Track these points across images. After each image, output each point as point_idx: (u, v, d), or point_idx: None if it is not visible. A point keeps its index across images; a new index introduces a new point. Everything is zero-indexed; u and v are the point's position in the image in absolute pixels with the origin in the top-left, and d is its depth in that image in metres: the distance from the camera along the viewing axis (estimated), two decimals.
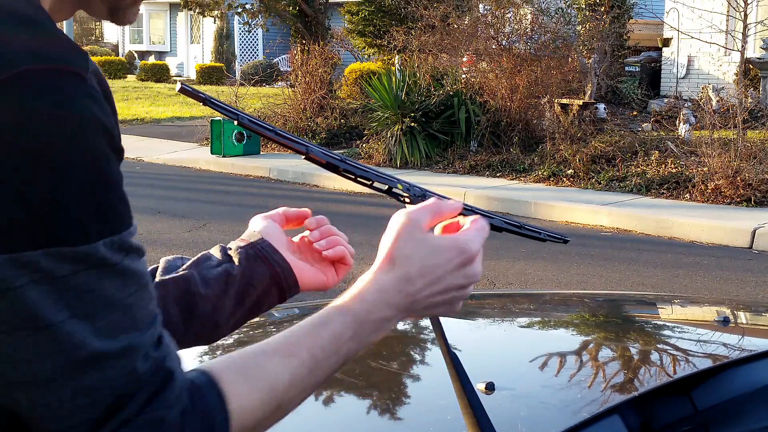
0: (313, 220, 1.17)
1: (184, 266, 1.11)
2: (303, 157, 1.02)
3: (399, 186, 1.06)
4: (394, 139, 11.81)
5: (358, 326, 0.87)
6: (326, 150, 1.04)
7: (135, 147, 14.15)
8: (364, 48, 18.78)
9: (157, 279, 1.09)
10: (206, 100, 0.99)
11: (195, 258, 1.12)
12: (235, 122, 1.00)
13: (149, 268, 1.08)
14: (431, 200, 0.95)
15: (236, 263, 1.10)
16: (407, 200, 1.07)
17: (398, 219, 0.91)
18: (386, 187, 1.06)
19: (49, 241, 0.68)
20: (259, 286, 1.10)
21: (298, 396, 0.84)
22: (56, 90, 0.69)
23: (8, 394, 0.71)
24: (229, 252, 1.11)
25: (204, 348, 1.80)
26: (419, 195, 1.06)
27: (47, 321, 0.68)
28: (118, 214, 0.72)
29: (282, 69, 23.30)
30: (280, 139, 1.01)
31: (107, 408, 0.71)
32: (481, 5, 13.77)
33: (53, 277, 0.68)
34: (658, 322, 2.26)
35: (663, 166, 10.03)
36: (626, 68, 15.49)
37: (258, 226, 1.15)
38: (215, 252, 1.12)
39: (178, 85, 1.02)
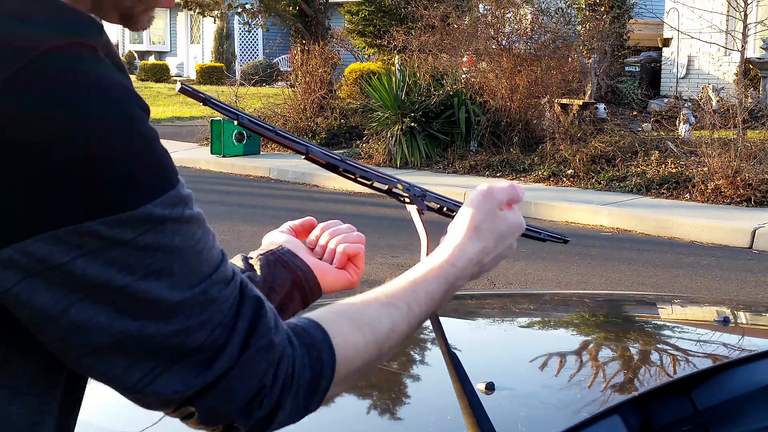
0: (313, 240, 1.17)
1: None
2: (303, 157, 1.03)
3: (399, 186, 1.07)
4: (394, 139, 11.80)
5: (448, 288, 0.94)
6: (326, 150, 1.05)
7: None
8: (364, 48, 18.77)
9: None
10: (206, 100, 1.00)
11: None
12: (235, 122, 1.00)
13: None
14: (509, 184, 1.02)
15: (258, 271, 1.09)
16: (407, 200, 1.07)
17: (484, 195, 0.98)
18: (386, 187, 1.06)
19: (106, 210, 0.70)
20: (282, 291, 1.10)
21: (395, 344, 0.89)
22: (79, 65, 0.70)
23: (97, 360, 0.73)
24: (250, 261, 1.11)
25: None
26: (419, 195, 1.07)
27: (119, 283, 0.70)
28: (166, 169, 0.73)
29: (282, 69, 23.29)
30: (280, 139, 1.01)
31: (210, 346, 0.74)
32: (481, 5, 13.77)
33: (118, 243, 0.70)
34: (658, 322, 2.26)
35: (663, 166, 10.02)
36: (626, 68, 15.48)
37: (275, 238, 1.15)
38: (237, 261, 1.12)
39: (178, 85, 1.03)
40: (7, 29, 0.70)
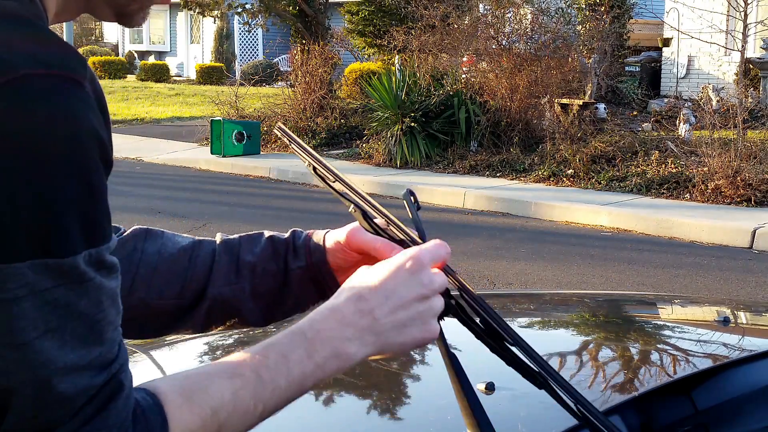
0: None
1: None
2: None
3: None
4: (394, 139, 11.80)
5: (309, 345, 0.83)
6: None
7: (135, 147, 14.14)
8: (364, 48, 18.77)
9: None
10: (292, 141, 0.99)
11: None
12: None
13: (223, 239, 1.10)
14: (435, 244, 0.92)
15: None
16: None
17: (413, 268, 0.89)
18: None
19: (37, 252, 0.66)
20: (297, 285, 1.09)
21: (242, 420, 0.80)
22: (54, 96, 0.67)
23: None
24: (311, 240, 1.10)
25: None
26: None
27: (24, 338, 0.66)
28: (102, 228, 0.71)
29: (282, 69, 23.30)
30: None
31: (52, 421, 0.69)
32: (481, 5, 13.77)
33: (35, 291, 0.66)
34: (659, 322, 2.26)
35: (663, 166, 10.02)
36: (626, 68, 15.48)
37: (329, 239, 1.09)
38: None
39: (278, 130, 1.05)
40: None
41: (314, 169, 1.05)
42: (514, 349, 0.97)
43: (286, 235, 1.10)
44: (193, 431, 0.76)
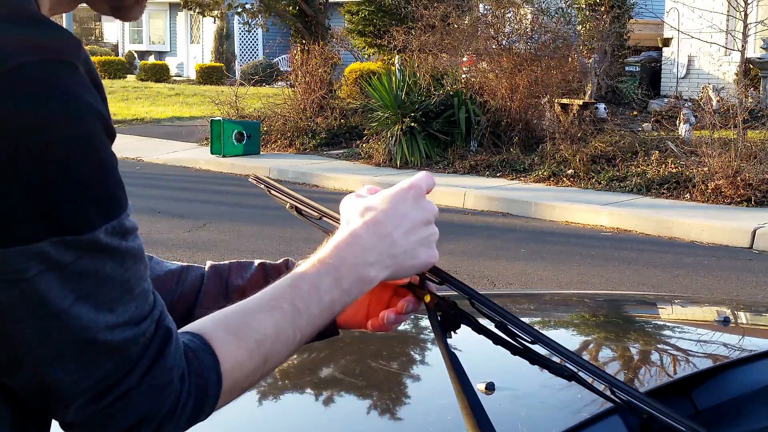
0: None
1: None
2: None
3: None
4: (394, 139, 11.80)
5: (336, 273, 0.89)
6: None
7: (135, 147, 14.13)
8: (364, 48, 18.77)
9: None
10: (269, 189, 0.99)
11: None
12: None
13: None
14: (424, 173, 0.98)
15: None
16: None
17: (412, 188, 0.95)
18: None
19: (55, 231, 0.69)
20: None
21: (285, 348, 0.86)
22: (53, 81, 0.69)
23: (15, 373, 0.72)
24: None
25: None
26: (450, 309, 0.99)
27: (57, 308, 0.70)
28: (117, 199, 0.74)
29: (282, 69, 23.30)
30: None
31: (111, 377, 0.73)
32: (481, 5, 13.77)
33: (60, 265, 0.70)
34: (659, 322, 2.26)
35: (663, 166, 10.02)
36: (626, 68, 15.49)
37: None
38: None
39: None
40: None
41: (297, 210, 1.09)
42: (535, 347, 1.00)
43: (279, 262, 1.10)
44: (241, 363, 0.82)
